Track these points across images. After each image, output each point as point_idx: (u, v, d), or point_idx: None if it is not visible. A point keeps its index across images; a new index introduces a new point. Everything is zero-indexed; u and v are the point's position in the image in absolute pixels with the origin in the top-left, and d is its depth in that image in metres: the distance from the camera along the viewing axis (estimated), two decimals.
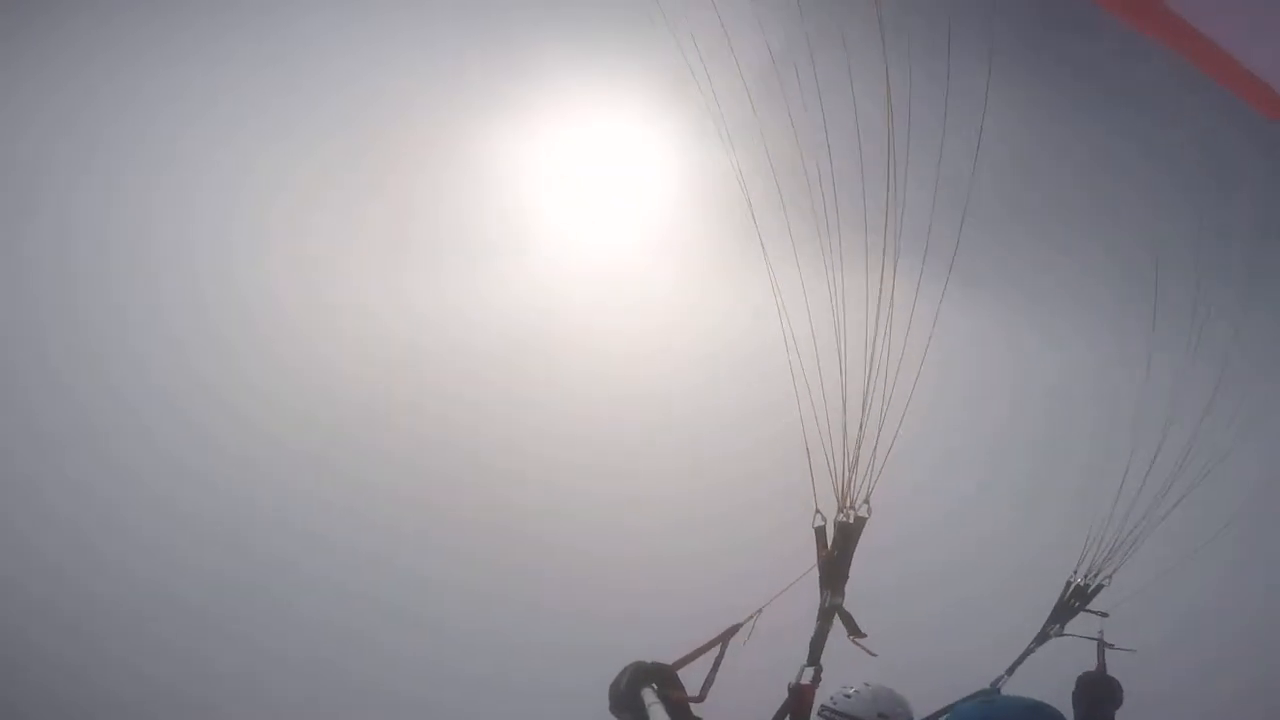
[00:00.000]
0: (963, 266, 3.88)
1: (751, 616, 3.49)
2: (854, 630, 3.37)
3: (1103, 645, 4.34)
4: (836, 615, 3.33)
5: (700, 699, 3.30)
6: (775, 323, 3.73)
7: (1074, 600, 4.53)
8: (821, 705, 3.47)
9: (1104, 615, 4.56)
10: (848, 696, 3.46)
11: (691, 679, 3.36)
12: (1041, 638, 4.45)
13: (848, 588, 3.43)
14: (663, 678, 3.25)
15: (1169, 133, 5.83)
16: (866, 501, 3.46)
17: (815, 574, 3.45)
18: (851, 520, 3.44)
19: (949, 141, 3.76)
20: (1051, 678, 4.15)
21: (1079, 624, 4.50)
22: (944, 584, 5.95)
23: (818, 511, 3.47)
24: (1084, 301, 6.64)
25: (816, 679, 3.14)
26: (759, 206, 3.92)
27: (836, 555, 3.41)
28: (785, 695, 3.25)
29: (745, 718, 3.37)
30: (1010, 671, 4.30)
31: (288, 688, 6.18)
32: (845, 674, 3.51)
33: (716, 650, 3.45)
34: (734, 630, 3.48)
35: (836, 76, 3.66)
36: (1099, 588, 4.56)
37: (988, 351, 6.55)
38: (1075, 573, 4.59)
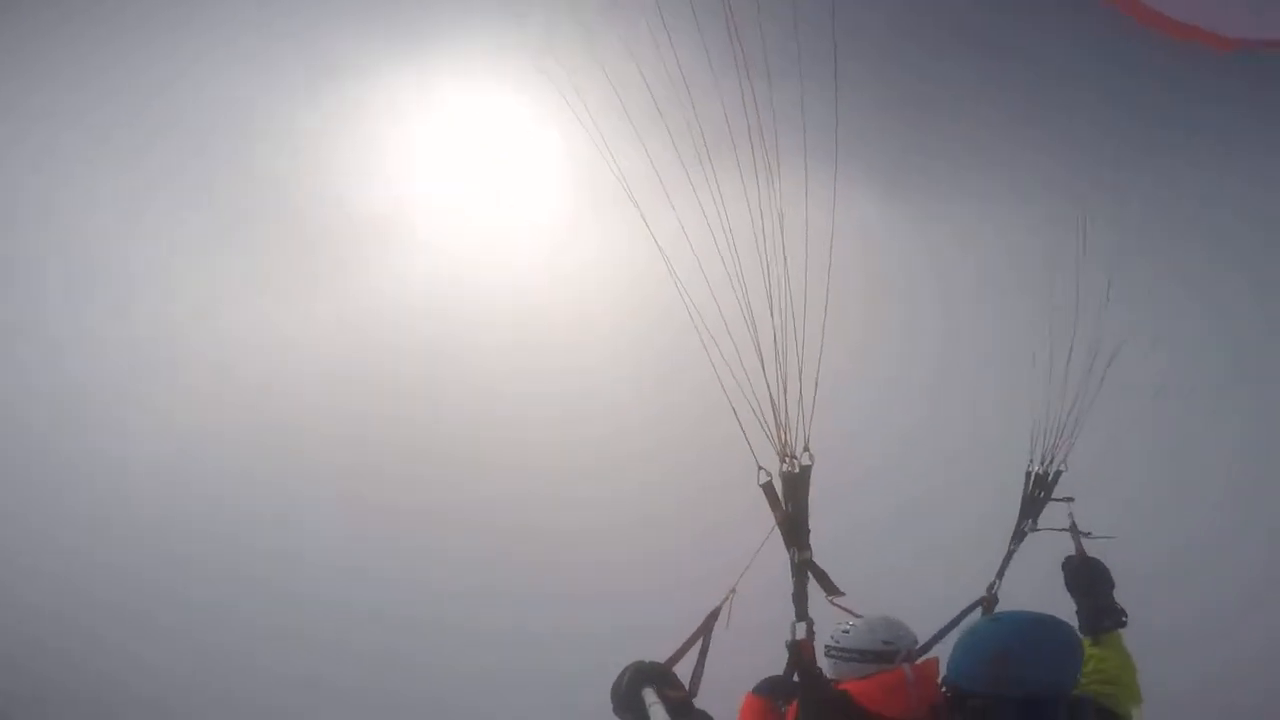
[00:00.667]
0: (847, 167, 3.64)
1: (727, 597, 3.43)
2: (831, 590, 3.30)
3: (1076, 530, 4.23)
4: (809, 571, 3.16)
5: (692, 694, 3.26)
6: (663, 276, 3.46)
7: (1038, 490, 4.37)
8: (826, 647, 3.48)
9: (1070, 500, 4.42)
10: (846, 632, 3.48)
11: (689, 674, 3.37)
12: (1018, 536, 4.29)
13: (814, 539, 3.21)
14: (661, 677, 3.28)
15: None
16: (807, 449, 3.25)
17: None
18: (797, 470, 3.22)
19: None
20: (1039, 575, 4.04)
21: (1051, 516, 4.33)
22: (910, 508, 5.82)
23: (760, 468, 3.25)
24: (982, 187, 6.57)
25: (810, 633, 3.06)
26: (620, 149, 3.66)
27: (791, 509, 3.20)
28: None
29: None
30: (1000, 575, 4.16)
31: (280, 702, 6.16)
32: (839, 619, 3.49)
33: (701, 643, 3.43)
34: (714, 616, 3.45)
35: None
36: (1058, 474, 4.40)
37: (894, 251, 6.46)
38: (1032, 461, 4.43)
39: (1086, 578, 3.93)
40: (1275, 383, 5.89)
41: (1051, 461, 4.41)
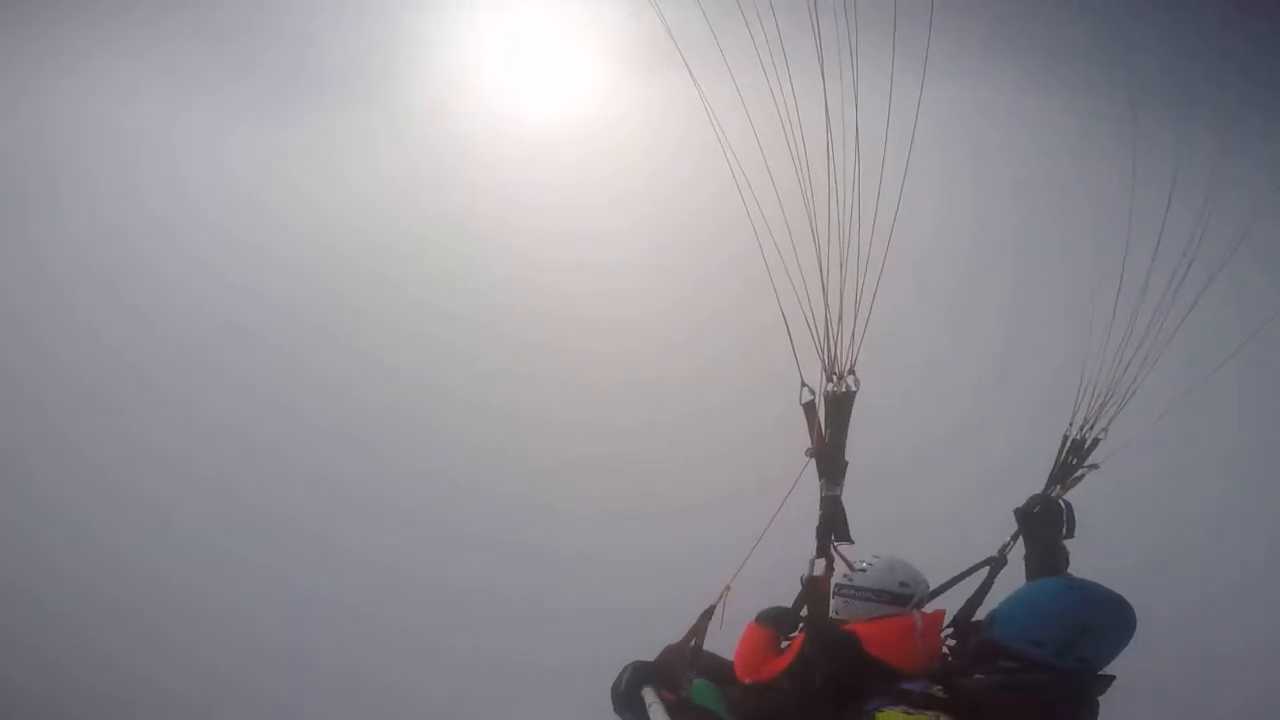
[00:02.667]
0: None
1: (722, 595, 3.42)
2: (842, 535, 3.18)
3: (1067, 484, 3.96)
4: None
5: (686, 696, 3.31)
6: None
7: (1072, 457, 4.03)
8: (837, 584, 3.36)
9: (1094, 467, 4.07)
10: (863, 570, 3.36)
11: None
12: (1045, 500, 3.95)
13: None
14: (660, 677, 3.34)
15: None
16: (853, 372, 3.02)
17: (777, 532, 3.30)
18: (843, 390, 3.01)
19: None
20: None
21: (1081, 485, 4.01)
22: (937, 457, 5.56)
23: (804, 385, 3.02)
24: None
25: (829, 569, 3.04)
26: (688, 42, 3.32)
27: (830, 435, 2.99)
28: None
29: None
30: (1015, 537, 3.90)
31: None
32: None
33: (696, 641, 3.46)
34: (708, 616, 3.47)
35: None
36: (1095, 441, 4.04)
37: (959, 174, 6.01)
38: (1071, 425, 4.07)
39: (1055, 522, 3.81)
40: None
41: (1092, 427, 4.08)
